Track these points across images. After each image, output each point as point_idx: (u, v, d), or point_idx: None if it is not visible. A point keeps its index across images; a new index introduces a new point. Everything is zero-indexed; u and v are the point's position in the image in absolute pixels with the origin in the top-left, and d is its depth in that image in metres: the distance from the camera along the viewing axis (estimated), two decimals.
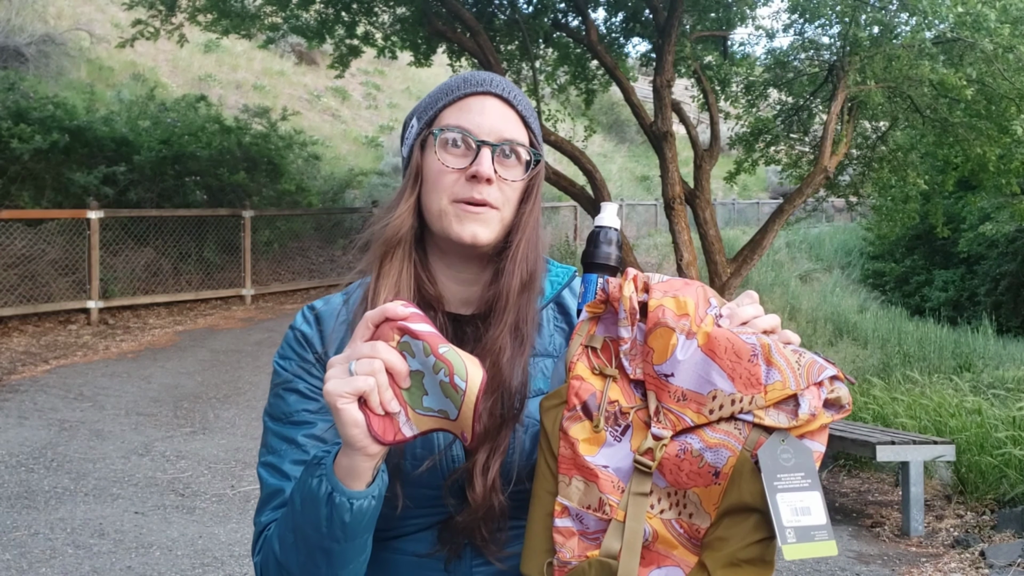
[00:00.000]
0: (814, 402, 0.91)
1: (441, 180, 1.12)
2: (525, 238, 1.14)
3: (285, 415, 1.13)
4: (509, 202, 1.14)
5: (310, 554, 0.98)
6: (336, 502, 0.94)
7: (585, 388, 1.00)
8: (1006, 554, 4.51)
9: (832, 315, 14.16)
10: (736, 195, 26.04)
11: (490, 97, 1.15)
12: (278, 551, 1.01)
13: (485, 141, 1.12)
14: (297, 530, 0.98)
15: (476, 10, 10.42)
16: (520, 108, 1.17)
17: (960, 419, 6.17)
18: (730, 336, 0.94)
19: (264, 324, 10.64)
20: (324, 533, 0.96)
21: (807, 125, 11.21)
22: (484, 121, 1.13)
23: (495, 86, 1.16)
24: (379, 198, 15.74)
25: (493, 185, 1.11)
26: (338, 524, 0.95)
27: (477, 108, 1.14)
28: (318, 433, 1.10)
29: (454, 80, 1.19)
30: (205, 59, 19.31)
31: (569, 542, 0.98)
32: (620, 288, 1.01)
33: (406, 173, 1.18)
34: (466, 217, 1.11)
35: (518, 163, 1.15)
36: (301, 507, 0.97)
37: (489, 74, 1.19)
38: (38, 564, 4.17)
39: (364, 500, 0.95)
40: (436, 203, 1.12)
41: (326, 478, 0.95)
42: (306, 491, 0.96)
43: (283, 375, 1.16)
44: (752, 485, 0.91)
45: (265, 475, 1.11)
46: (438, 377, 0.90)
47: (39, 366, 8.26)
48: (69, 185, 10.67)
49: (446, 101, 1.16)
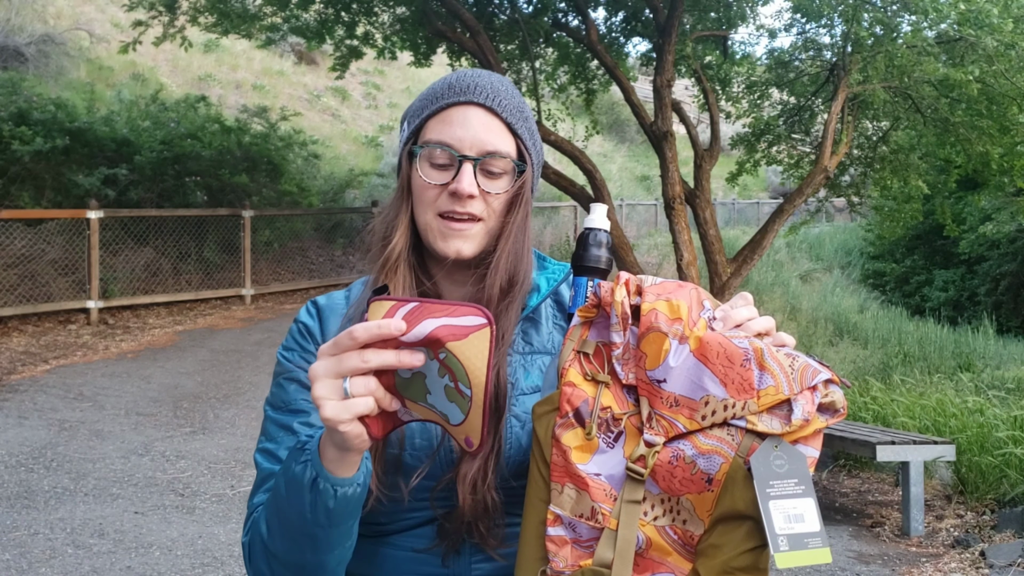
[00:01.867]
0: (808, 407, 0.90)
1: (424, 195, 1.14)
2: (508, 247, 1.15)
3: (284, 403, 1.15)
4: (495, 212, 1.15)
5: (295, 539, 0.98)
6: (320, 488, 0.93)
7: (577, 395, 0.99)
8: (1006, 554, 4.50)
9: (832, 315, 14.16)
10: (736, 195, 26.02)
11: (472, 107, 1.15)
12: (265, 535, 1.02)
13: (466, 156, 1.12)
14: (281, 514, 0.98)
15: (476, 10, 10.41)
16: (505, 115, 1.16)
17: (960, 419, 6.17)
18: (722, 340, 0.93)
19: (264, 324, 10.64)
20: (308, 519, 0.95)
21: (808, 125, 11.20)
22: (466, 134, 1.13)
23: (478, 94, 1.15)
24: (379, 198, 15.73)
25: (476, 198, 1.12)
26: (322, 510, 0.94)
27: (459, 120, 1.14)
28: (314, 422, 1.12)
29: (440, 84, 1.18)
30: (205, 59, 19.31)
31: (562, 551, 0.97)
32: (612, 292, 1.00)
33: (398, 180, 1.20)
34: (449, 234, 1.13)
35: (504, 173, 1.15)
36: (286, 492, 0.97)
37: (474, 78, 1.17)
38: (38, 564, 4.17)
39: (349, 488, 0.94)
40: (422, 217, 1.15)
41: (311, 464, 0.94)
42: (290, 476, 0.96)
43: (285, 365, 1.18)
44: (745, 492, 0.90)
45: (260, 459, 1.13)
46: (443, 381, 0.87)
47: (39, 366, 8.26)
48: (70, 187, 10.67)
49: (430, 111, 1.16)
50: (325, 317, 1.19)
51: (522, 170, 1.17)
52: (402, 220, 1.16)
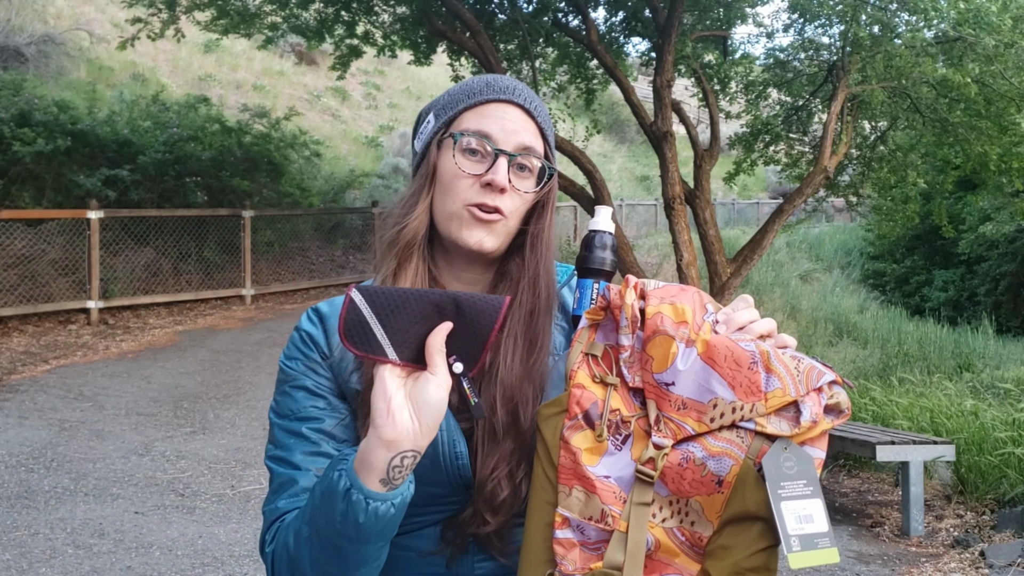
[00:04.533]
0: (815, 408, 0.91)
1: (456, 184, 1.14)
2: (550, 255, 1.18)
3: (292, 412, 1.14)
4: (517, 212, 1.16)
5: (322, 548, 0.98)
6: (353, 499, 0.94)
7: (587, 397, 0.99)
8: (1006, 554, 4.51)
9: (832, 315, 14.16)
10: (736, 195, 26.04)
11: (511, 106, 1.17)
12: (291, 544, 1.02)
13: (503, 150, 1.13)
14: (313, 522, 0.99)
15: (476, 9, 10.41)
16: (539, 120, 1.19)
17: (959, 420, 6.17)
18: (729, 344, 0.94)
19: (264, 324, 10.64)
20: (337, 529, 0.96)
21: (806, 125, 11.21)
22: (505, 128, 1.14)
23: (517, 95, 1.17)
24: (379, 198, 15.73)
25: (506, 194, 1.13)
26: (352, 523, 0.95)
27: (498, 115, 1.15)
28: (326, 428, 1.12)
29: (476, 82, 1.20)
30: (205, 59, 19.31)
31: (571, 554, 0.97)
32: (621, 295, 1.00)
33: (419, 170, 1.19)
34: (475, 224, 1.13)
35: (531, 175, 1.17)
36: (320, 500, 0.98)
37: (512, 82, 1.20)
38: (38, 564, 4.17)
39: (382, 504, 0.95)
40: (448, 206, 1.15)
41: (346, 473, 0.95)
42: (327, 484, 0.97)
43: (290, 374, 1.17)
44: (756, 494, 0.91)
45: (274, 466, 1.13)
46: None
47: (39, 366, 8.26)
48: (71, 187, 10.67)
49: (467, 104, 1.17)
50: (329, 325, 1.18)
51: (551, 173, 1.19)
52: (423, 207, 1.16)
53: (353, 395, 1.13)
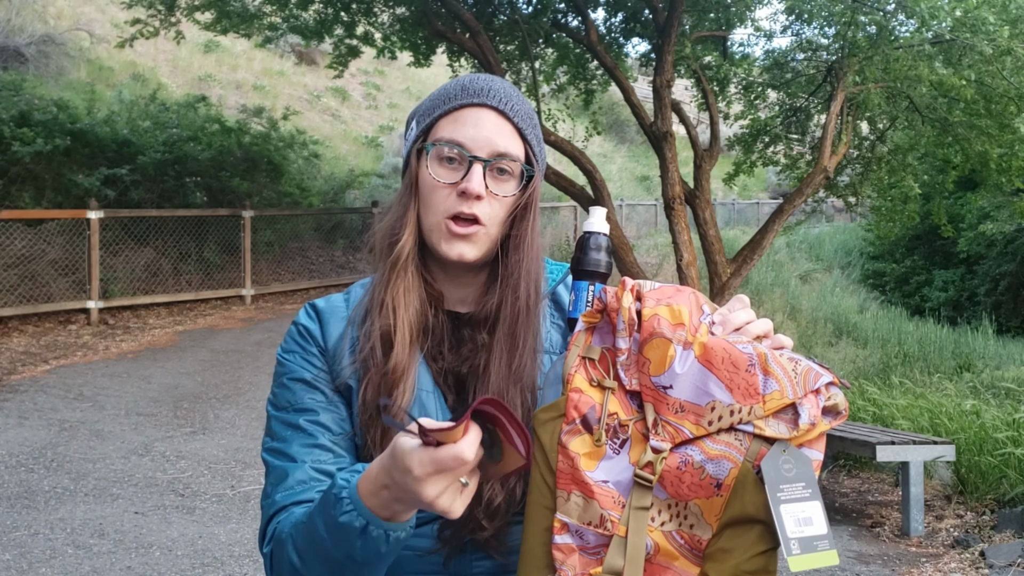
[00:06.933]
0: (813, 411, 0.91)
1: (433, 195, 1.14)
2: (533, 255, 1.17)
3: (289, 404, 1.15)
4: (497, 218, 1.15)
5: (338, 571, 0.99)
6: (373, 535, 0.94)
7: (584, 401, 0.98)
8: (1006, 554, 4.51)
9: (832, 315, 14.15)
10: (736, 195, 26.01)
11: (485, 109, 1.15)
12: (298, 564, 1.01)
13: (477, 156, 1.13)
14: (324, 554, 0.98)
15: (476, 10, 10.41)
16: (517, 120, 1.17)
17: (959, 420, 6.17)
18: (726, 346, 0.93)
19: (264, 324, 10.64)
20: (358, 560, 0.96)
21: (805, 126, 11.20)
22: (478, 135, 1.13)
23: (491, 97, 1.16)
24: (379, 198, 15.73)
25: (484, 200, 1.13)
26: (373, 552, 0.95)
27: (472, 121, 1.14)
28: (322, 420, 1.13)
29: (453, 86, 1.19)
30: (205, 59, 19.31)
31: (570, 559, 0.97)
32: (618, 298, 1.00)
33: (405, 178, 1.20)
34: (454, 237, 1.13)
35: (512, 177, 1.16)
36: (327, 534, 0.96)
37: (488, 81, 1.18)
38: (38, 564, 4.17)
39: (402, 532, 0.96)
40: (429, 218, 1.15)
41: (359, 513, 0.94)
42: (334, 524, 0.95)
43: (287, 366, 1.18)
44: (755, 496, 0.91)
45: (271, 459, 1.13)
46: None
47: (39, 366, 8.26)
48: (70, 187, 10.67)
49: (443, 110, 1.16)
50: (325, 320, 1.20)
51: (531, 175, 1.17)
52: (410, 219, 1.16)
53: (347, 389, 1.15)
